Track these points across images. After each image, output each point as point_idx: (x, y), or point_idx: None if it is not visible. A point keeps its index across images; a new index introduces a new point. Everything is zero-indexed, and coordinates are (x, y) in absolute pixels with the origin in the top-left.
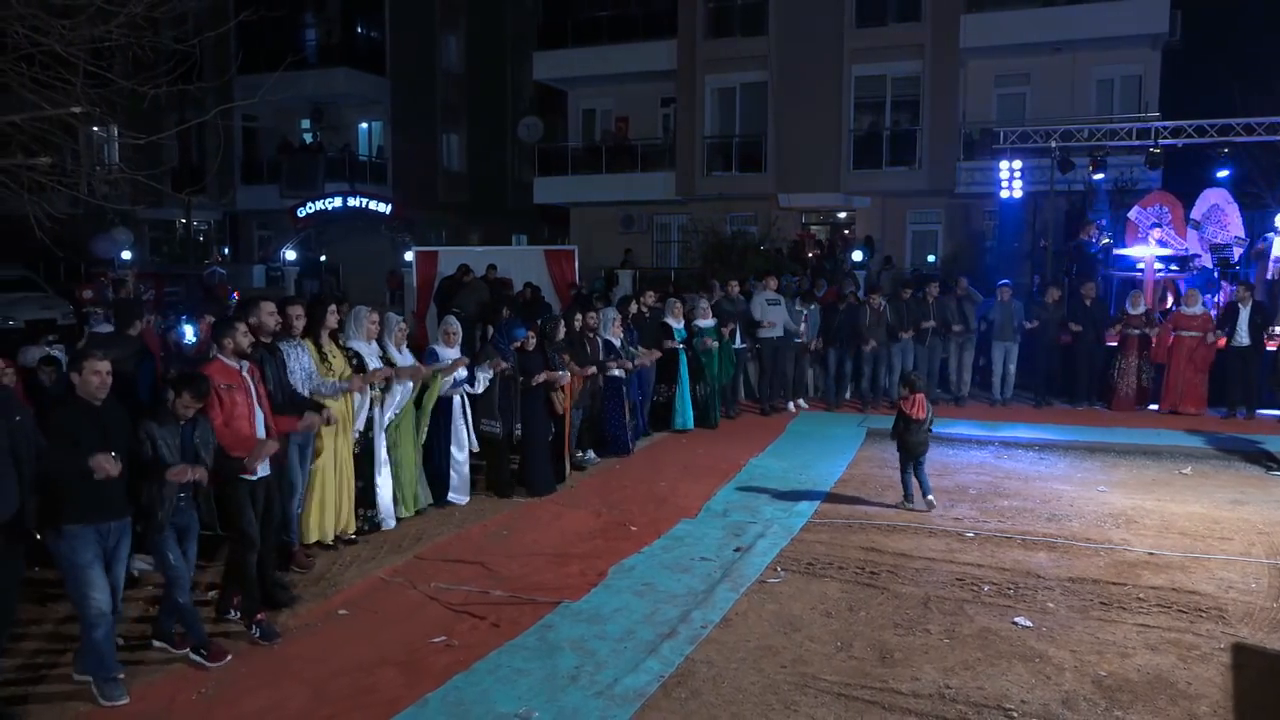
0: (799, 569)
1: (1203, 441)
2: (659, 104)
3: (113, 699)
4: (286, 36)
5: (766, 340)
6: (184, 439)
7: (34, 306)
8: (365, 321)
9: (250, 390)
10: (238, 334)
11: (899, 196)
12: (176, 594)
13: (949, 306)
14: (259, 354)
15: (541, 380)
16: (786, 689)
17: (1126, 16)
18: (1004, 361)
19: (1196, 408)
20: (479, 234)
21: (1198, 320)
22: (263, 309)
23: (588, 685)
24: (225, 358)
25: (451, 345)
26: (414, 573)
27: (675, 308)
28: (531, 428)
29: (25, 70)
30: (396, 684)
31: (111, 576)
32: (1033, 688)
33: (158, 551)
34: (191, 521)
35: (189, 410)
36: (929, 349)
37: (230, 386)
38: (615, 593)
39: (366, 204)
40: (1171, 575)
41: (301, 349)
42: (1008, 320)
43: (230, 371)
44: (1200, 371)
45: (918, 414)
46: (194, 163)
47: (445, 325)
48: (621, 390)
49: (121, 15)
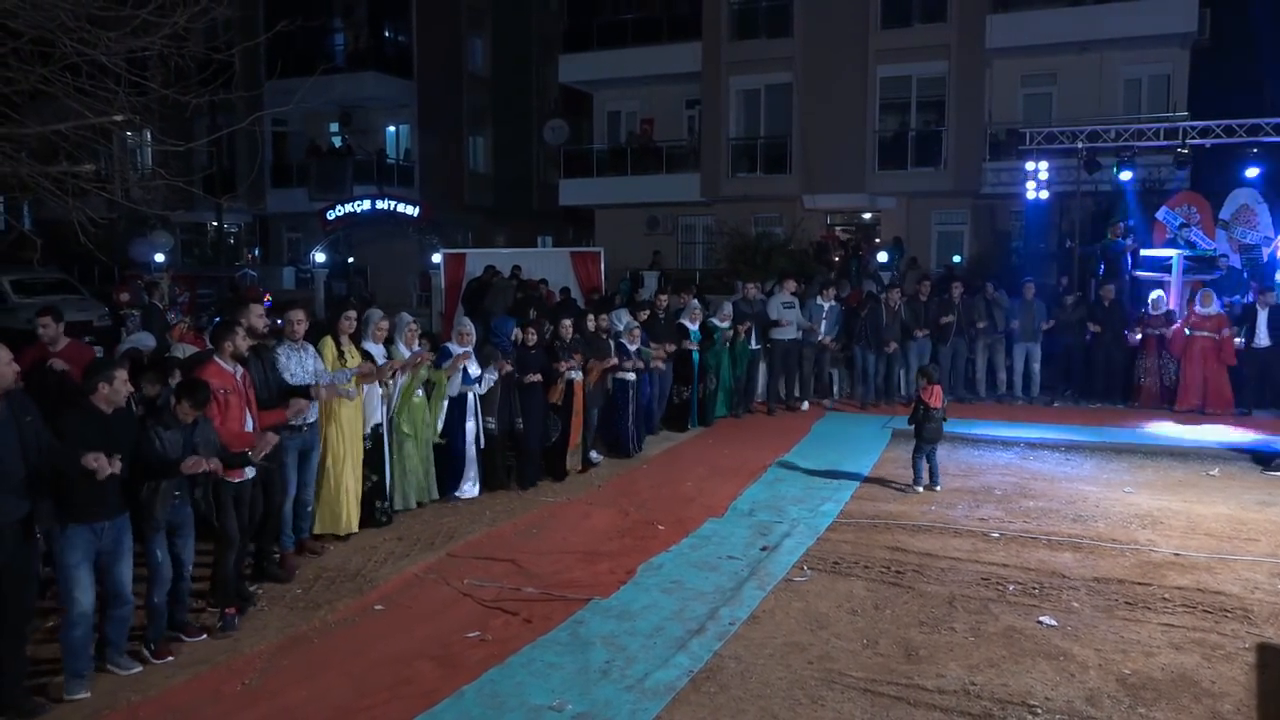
0: (825, 568)
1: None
2: (684, 106)
3: (72, 693)
4: (316, 41)
5: (778, 341)
6: (186, 440)
7: (71, 309)
8: (374, 325)
9: (242, 393)
10: (237, 337)
11: (924, 197)
12: (154, 591)
13: (976, 307)
14: (247, 356)
15: (534, 380)
16: (813, 684)
17: (1155, 15)
18: (1026, 360)
19: (1222, 408)
20: (505, 236)
21: (1211, 320)
22: (252, 311)
23: (619, 679)
24: (222, 360)
25: (465, 345)
26: (447, 569)
27: (694, 310)
28: (530, 423)
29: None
30: (433, 677)
31: (116, 572)
32: (1057, 685)
33: (148, 548)
34: (185, 518)
35: (189, 415)
36: (950, 348)
37: (226, 390)
38: (644, 590)
39: (394, 206)
40: (1197, 576)
41: (305, 351)
42: (1029, 320)
43: (225, 374)
44: (1222, 372)
45: (934, 403)
46: (225, 167)
47: (458, 325)
48: (629, 392)
49: (166, 27)
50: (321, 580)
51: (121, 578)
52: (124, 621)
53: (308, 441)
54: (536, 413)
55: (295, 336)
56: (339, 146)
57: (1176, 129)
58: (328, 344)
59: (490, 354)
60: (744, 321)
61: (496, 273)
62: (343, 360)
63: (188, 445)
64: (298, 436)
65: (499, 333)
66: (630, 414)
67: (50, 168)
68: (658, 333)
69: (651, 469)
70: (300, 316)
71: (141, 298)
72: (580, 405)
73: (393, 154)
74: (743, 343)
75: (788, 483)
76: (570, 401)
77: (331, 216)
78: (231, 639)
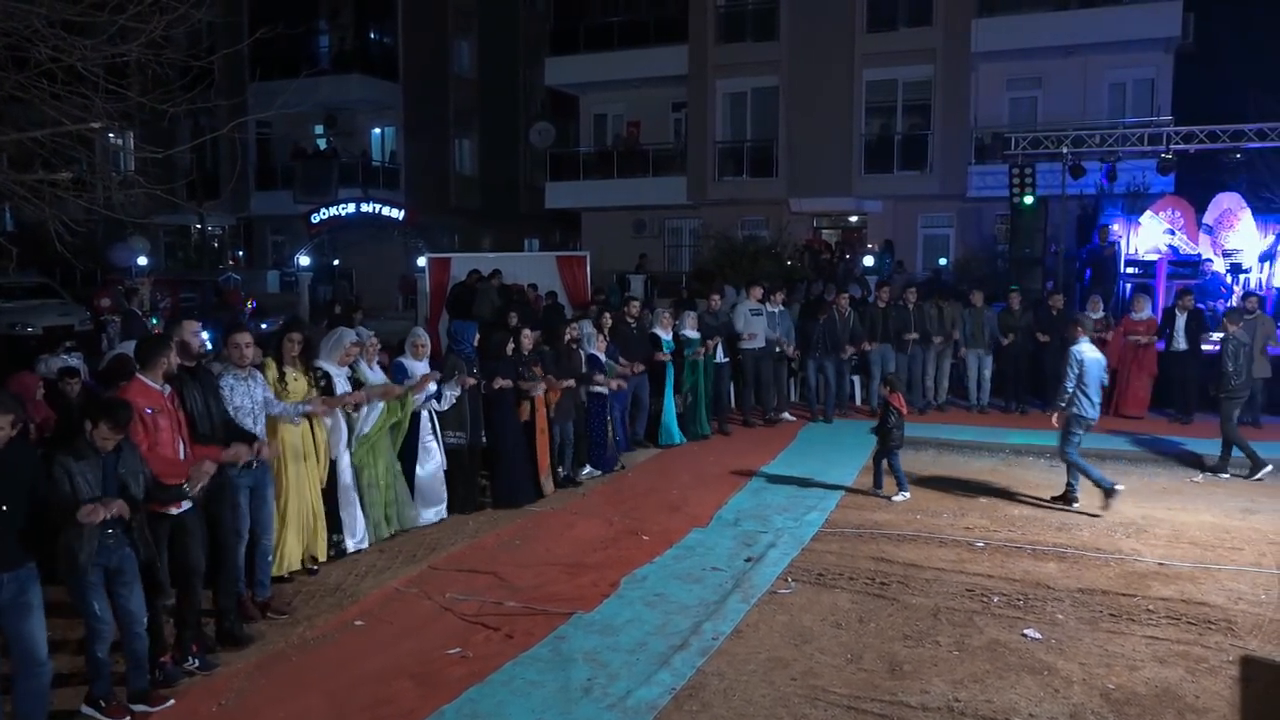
0: (810, 579)
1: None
2: (670, 109)
3: None
4: (301, 44)
5: (748, 352)
6: (106, 471)
7: (52, 313)
8: (343, 347)
9: (173, 414)
10: (170, 354)
11: (910, 200)
12: (95, 645)
13: (929, 315)
14: (181, 377)
15: (504, 385)
16: (797, 702)
17: (1139, 20)
18: (978, 368)
19: (1138, 410)
20: (491, 239)
21: (1143, 325)
22: (186, 328)
23: (600, 698)
24: (148, 378)
25: (420, 358)
26: (428, 583)
27: (664, 318)
28: (500, 437)
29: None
30: (412, 696)
31: (20, 632)
32: (1041, 701)
33: (79, 599)
34: (124, 561)
35: (108, 442)
36: (909, 357)
37: (154, 410)
38: (627, 603)
39: (380, 210)
40: (1181, 586)
41: (254, 380)
42: (979, 328)
43: (152, 394)
44: (1146, 376)
45: (901, 408)
46: (208, 170)
47: (413, 337)
48: (605, 405)
49: (143, 35)
50: (301, 595)
51: (29, 639)
52: (38, 696)
53: (258, 478)
54: (509, 425)
55: (240, 363)
56: (324, 149)
57: (1161, 134)
58: (269, 367)
59: (454, 364)
60: (712, 336)
61: (481, 277)
62: (283, 384)
63: (109, 479)
64: (247, 474)
65: (460, 339)
66: (607, 428)
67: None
68: (628, 344)
69: (636, 477)
70: (248, 340)
71: (121, 303)
72: (544, 423)
73: (378, 157)
74: (709, 357)
75: (772, 491)
76: (533, 418)
77: (316, 220)
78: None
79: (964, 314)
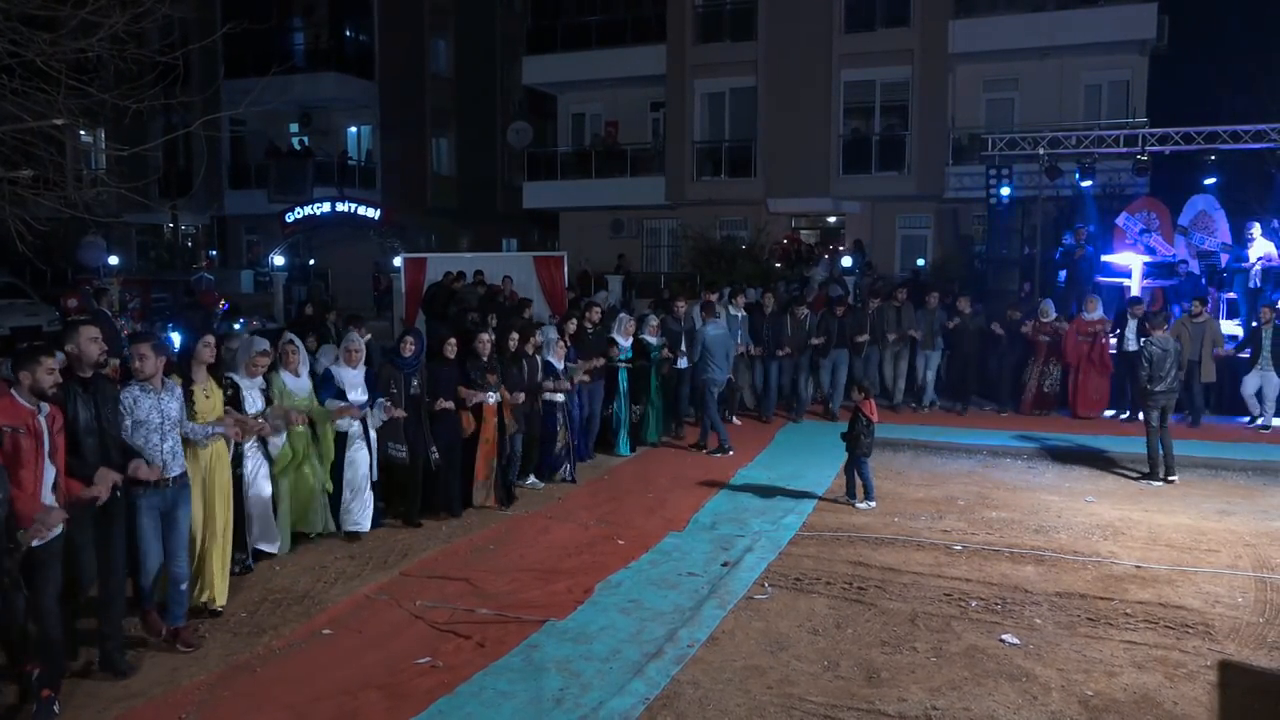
0: (786, 584)
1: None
2: (649, 109)
3: None
4: (275, 41)
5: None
6: None
7: (19, 314)
8: (252, 356)
9: (44, 439)
10: (40, 369)
11: (888, 201)
12: None
13: (887, 316)
14: (71, 391)
15: (445, 407)
16: (773, 711)
17: (1115, 22)
18: (924, 369)
19: (1090, 410)
20: (469, 238)
21: (1094, 326)
22: (82, 334)
23: (572, 709)
24: (19, 394)
25: (354, 365)
26: (399, 590)
27: (626, 325)
28: (445, 447)
29: (5, 81)
30: (379, 709)
31: None
32: (1019, 708)
33: None
34: None
35: None
36: (863, 360)
37: (16, 430)
38: (602, 610)
39: (355, 209)
40: (1159, 589)
41: (167, 392)
42: (929, 328)
43: (20, 411)
44: (1100, 376)
45: (872, 416)
46: (181, 168)
47: (347, 342)
48: (557, 414)
49: (104, 30)
50: (268, 602)
51: None
52: None
53: (170, 499)
54: (442, 439)
55: (142, 375)
56: (299, 148)
57: (1136, 135)
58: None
59: (387, 376)
60: (677, 345)
61: (459, 278)
62: (193, 403)
63: None
64: (155, 494)
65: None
66: (560, 438)
67: None
68: (586, 348)
69: (613, 480)
70: (147, 350)
71: (90, 304)
72: (492, 434)
73: (354, 156)
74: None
75: (750, 494)
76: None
77: (291, 219)
78: (169, 668)
79: (916, 315)
